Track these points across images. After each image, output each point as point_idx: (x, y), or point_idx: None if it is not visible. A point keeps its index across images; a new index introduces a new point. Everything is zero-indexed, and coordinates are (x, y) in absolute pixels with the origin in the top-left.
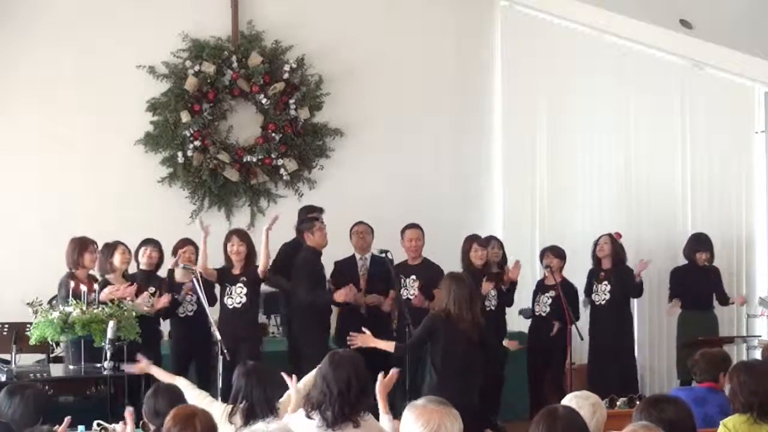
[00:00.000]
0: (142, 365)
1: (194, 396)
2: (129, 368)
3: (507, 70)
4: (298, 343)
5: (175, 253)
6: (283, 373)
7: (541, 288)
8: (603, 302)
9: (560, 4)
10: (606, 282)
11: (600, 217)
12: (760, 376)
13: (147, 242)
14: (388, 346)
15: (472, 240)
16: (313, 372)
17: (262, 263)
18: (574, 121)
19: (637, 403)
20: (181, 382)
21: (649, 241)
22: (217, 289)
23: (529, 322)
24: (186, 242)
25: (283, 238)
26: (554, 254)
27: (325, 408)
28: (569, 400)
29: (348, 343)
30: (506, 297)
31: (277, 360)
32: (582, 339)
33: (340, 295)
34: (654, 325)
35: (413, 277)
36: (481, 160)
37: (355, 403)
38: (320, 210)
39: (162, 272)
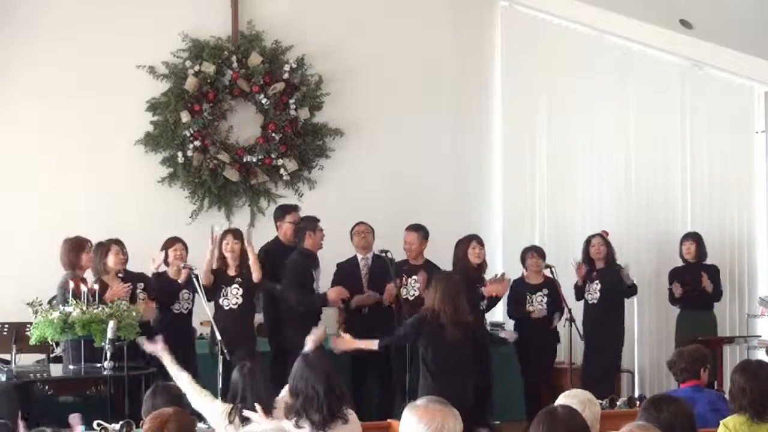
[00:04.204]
0: (159, 347)
1: (196, 394)
2: (146, 345)
3: (507, 70)
4: (288, 344)
5: (164, 251)
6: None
7: (529, 288)
8: (594, 301)
9: (560, 4)
10: (598, 281)
11: (600, 216)
12: (752, 374)
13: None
14: (370, 344)
15: (471, 238)
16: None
17: (255, 275)
18: (574, 121)
19: (637, 403)
20: (185, 378)
21: (649, 241)
22: None
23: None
24: (175, 240)
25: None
26: (539, 254)
27: (312, 411)
28: (559, 400)
29: (333, 348)
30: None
31: (267, 359)
32: (582, 338)
33: (332, 292)
34: (652, 325)
35: (415, 277)
36: (481, 160)
37: (342, 398)
38: (296, 207)
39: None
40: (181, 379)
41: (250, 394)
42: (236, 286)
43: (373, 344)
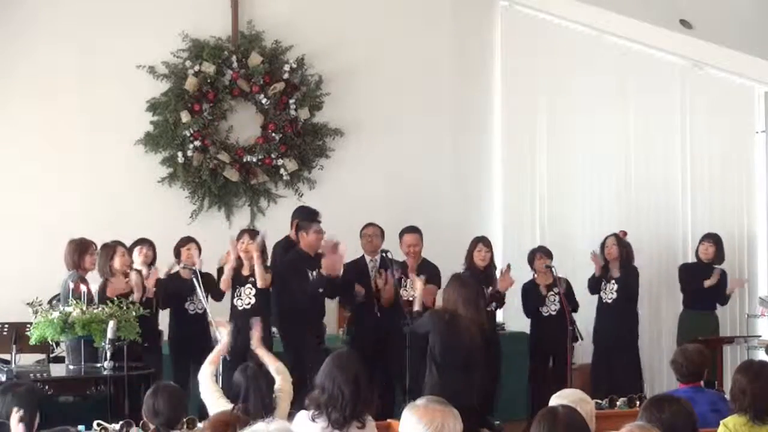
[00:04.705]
0: (257, 337)
1: (210, 387)
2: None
3: (507, 70)
4: (294, 343)
5: (177, 252)
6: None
7: (541, 288)
8: (610, 301)
9: (560, 4)
10: (614, 281)
11: (600, 217)
12: (754, 375)
13: (141, 242)
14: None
15: (477, 240)
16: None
17: (260, 280)
18: (574, 121)
19: (637, 403)
20: (208, 370)
21: (650, 241)
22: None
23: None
24: (188, 240)
25: (277, 238)
26: (545, 255)
27: (334, 410)
28: (552, 401)
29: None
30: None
31: (279, 359)
32: (582, 339)
33: (327, 267)
34: (654, 325)
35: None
36: (481, 160)
37: (366, 403)
38: (316, 213)
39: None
40: (206, 368)
41: (253, 395)
42: (250, 285)
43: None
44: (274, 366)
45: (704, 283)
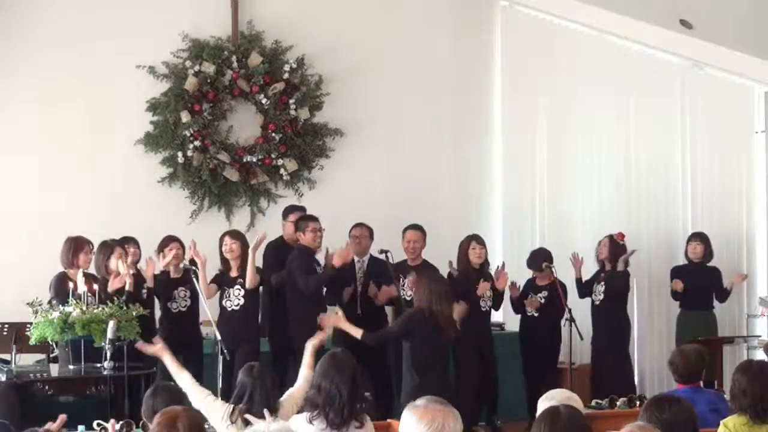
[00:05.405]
0: (158, 348)
1: (197, 393)
2: (142, 347)
3: (507, 70)
4: (291, 344)
5: (160, 251)
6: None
7: (532, 288)
8: (598, 302)
9: (560, 4)
10: (603, 282)
11: (600, 217)
12: (753, 376)
13: (128, 240)
14: (357, 332)
15: (470, 239)
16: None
17: (249, 281)
18: (574, 121)
19: (637, 403)
20: (186, 378)
21: (649, 241)
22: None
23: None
24: (171, 239)
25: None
26: (541, 257)
27: (332, 410)
28: (540, 402)
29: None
30: (497, 300)
31: (274, 360)
32: (582, 339)
33: (336, 259)
34: (653, 325)
35: (410, 278)
36: (481, 160)
37: (363, 402)
38: (302, 209)
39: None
40: (182, 378)
41: (259, 396)
42: (238, 287)
43: (358, 333)
44: (308, 372)
45: (675, 287)
